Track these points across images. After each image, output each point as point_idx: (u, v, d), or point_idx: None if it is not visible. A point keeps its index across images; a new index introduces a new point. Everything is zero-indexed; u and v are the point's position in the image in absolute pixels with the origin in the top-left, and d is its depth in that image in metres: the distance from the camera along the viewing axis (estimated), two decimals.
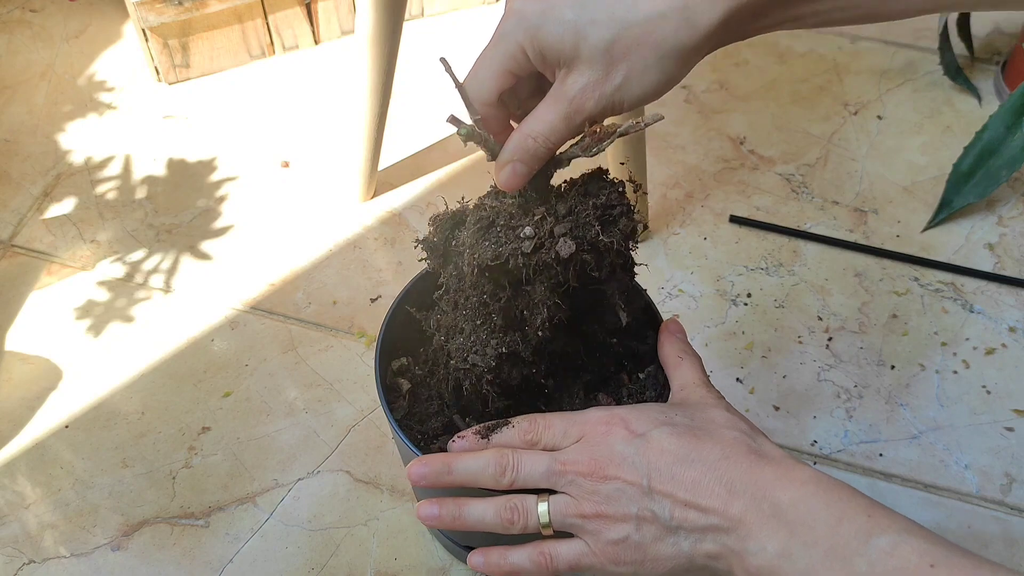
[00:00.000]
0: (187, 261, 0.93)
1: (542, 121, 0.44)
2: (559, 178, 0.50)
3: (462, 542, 0.69)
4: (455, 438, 0.53)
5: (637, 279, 0.63)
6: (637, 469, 0.46)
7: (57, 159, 1.02)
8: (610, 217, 0.47)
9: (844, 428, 0.81)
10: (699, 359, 0.56)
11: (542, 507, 0.49)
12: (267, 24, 1.09)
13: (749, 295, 0.90)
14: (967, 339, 0.87)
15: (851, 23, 0.43)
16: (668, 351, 0.56)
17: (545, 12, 0.41)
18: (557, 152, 0.47)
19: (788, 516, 0.42)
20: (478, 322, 0.51)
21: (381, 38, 0.83)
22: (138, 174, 1.01)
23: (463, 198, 0.53)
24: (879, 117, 1.06)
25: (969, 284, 0.91)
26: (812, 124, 1.06)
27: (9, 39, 1.15)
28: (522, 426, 0.51)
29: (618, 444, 0.47)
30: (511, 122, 0.48)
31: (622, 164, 0.84)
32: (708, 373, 0.55)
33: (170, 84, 1.10)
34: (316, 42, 1.14)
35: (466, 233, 0.49)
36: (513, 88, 0.46)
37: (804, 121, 1.06)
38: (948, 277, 0.92)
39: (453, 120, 0.45)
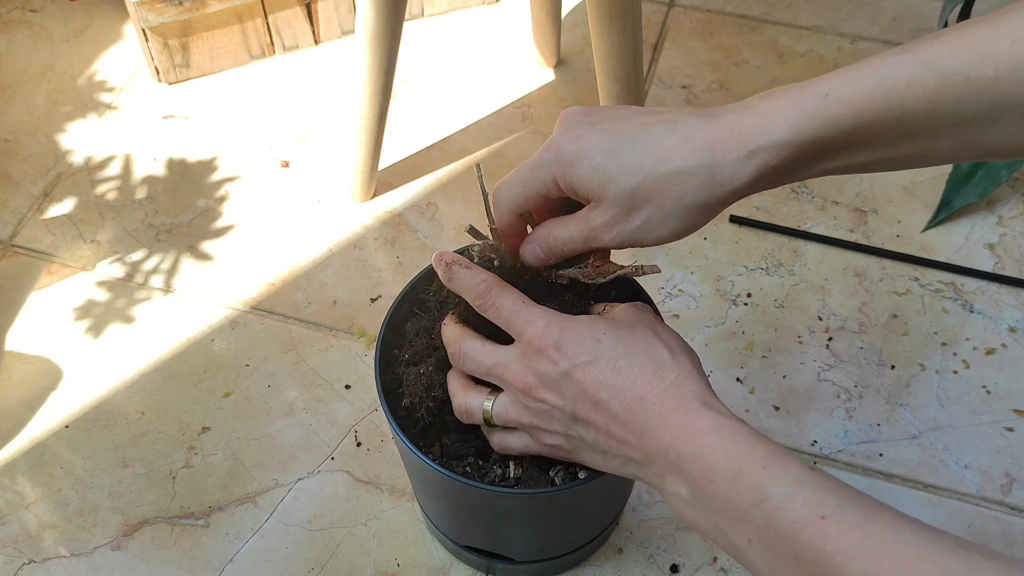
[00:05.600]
0: (187, 261, 0.93)
1: (565, 230, 0.49)
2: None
3: (461, 542, 0.69)
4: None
5: (636, 279, 0.63)
6: (563, 396, 0.48)
7: (57, 159, 1.02)
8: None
9: (844, 428, 0.81)
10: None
11: (486, 405, 0.53)
12: (267, 24, 1.09)
13: (749, 295, 0.90)
14: (967, 339, 0.87)
15: (885, 170, 0.46)
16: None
17: (580, 154, 0.46)
18: (560, 271, 0.53)
19: (688, 468, 0.44)
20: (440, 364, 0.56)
21: (381, 38, 0.83)
22: (138, 174, 1.01)
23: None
24: None
25: (969, 284, 0.91)
26: None
27: (9, 39, 1.15)
28: (479, 286, 0.51)
29: (547, 368, 0.48)
30: (528, 228, 0.53)
31: None
32: (708, 374, 0.55)
33: (170, 84, 1.10)
34: (316, 42, 1.14)
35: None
36: (539, 207, 0.51)
37: None
38: (948, 277, 0.92)
39: (472, 232, 0.52)
